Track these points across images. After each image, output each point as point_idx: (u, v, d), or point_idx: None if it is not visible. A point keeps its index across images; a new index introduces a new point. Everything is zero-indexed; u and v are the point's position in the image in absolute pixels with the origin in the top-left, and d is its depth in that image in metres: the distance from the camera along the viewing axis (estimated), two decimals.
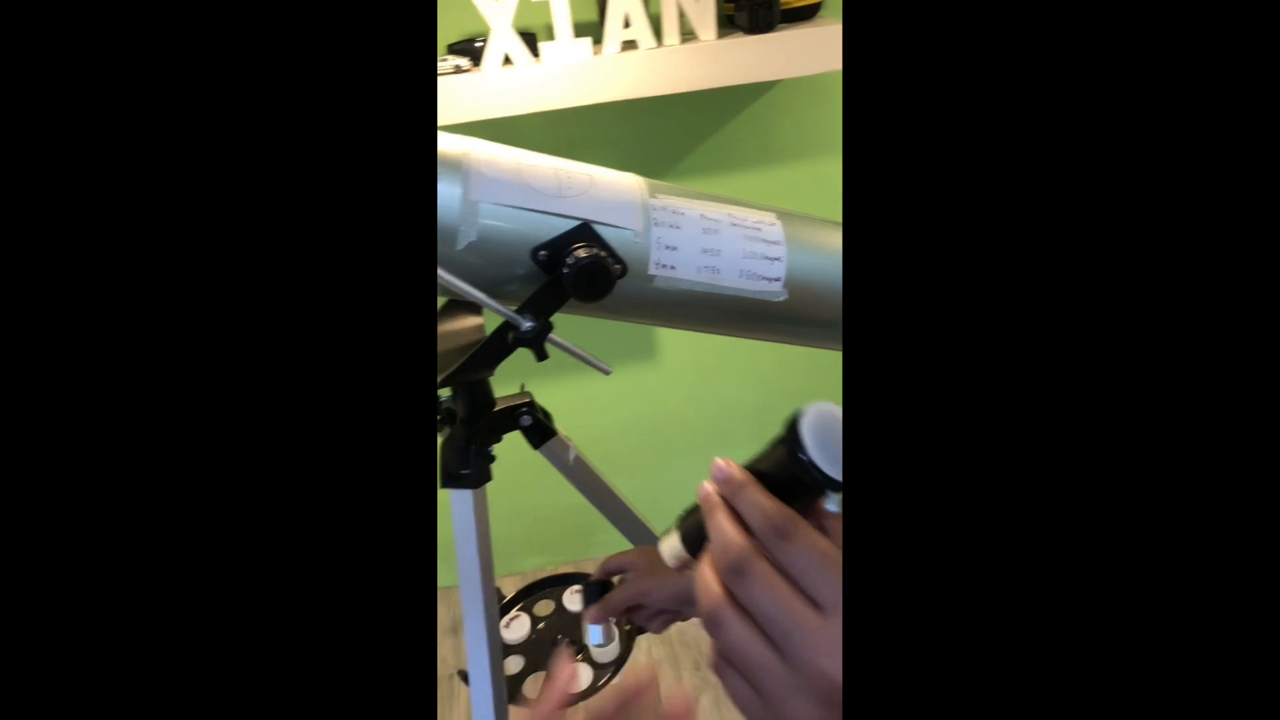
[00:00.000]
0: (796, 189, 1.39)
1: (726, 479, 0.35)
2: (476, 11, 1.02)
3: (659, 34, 1.09)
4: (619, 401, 1.64)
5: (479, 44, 1.08)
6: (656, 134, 1.34)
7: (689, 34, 1.11)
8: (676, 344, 1.63)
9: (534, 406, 0.68)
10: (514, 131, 1.25)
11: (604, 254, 0.49)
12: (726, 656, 0.33)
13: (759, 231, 0.55)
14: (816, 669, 0.31)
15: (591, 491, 0.75)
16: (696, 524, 0.38)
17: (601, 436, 1.61)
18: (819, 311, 0.57)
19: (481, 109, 1.08)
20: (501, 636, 0.73)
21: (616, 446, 1.63)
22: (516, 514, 1.60)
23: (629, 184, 0.53)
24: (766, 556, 0.33)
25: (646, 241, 0.51)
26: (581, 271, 0.48)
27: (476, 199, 0.47)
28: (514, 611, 0.86)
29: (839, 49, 1.10)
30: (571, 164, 0.52)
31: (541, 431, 0.69)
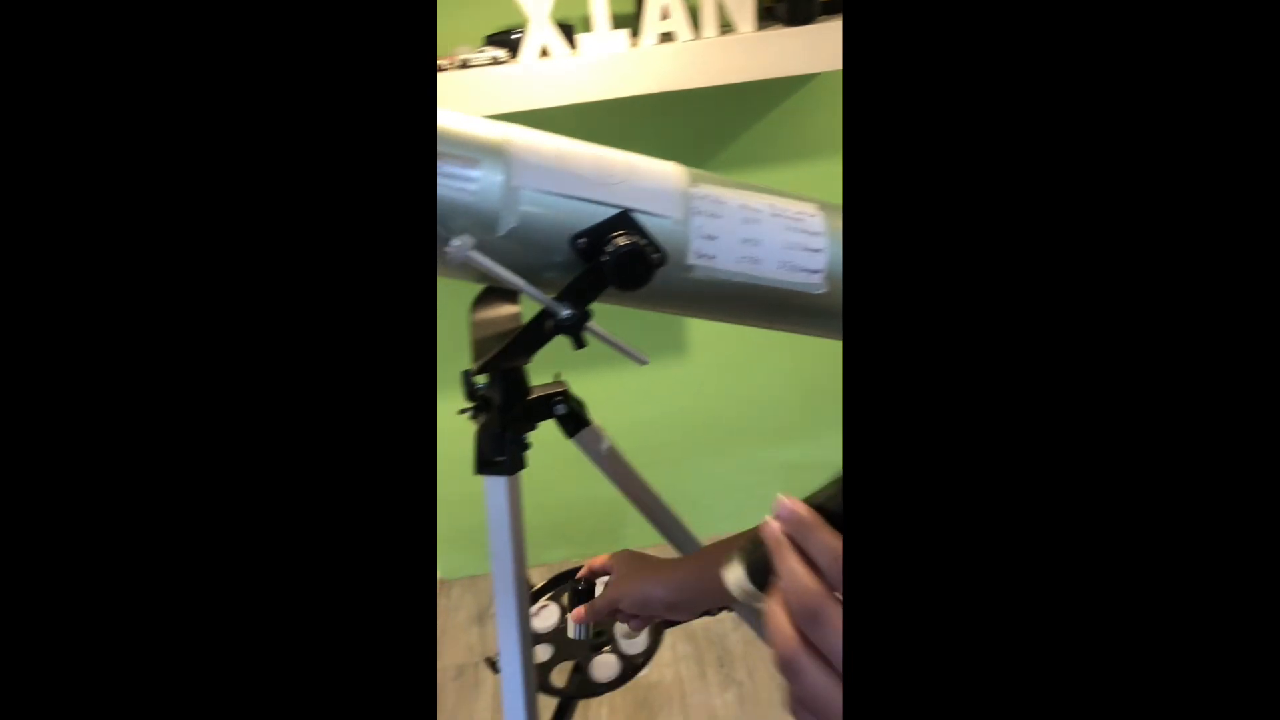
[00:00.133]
0: (834, 184, 1.38)
1: (793, 519, 0.35)
2: (514, 3, 1.02)
3: (697, 25, 1.09)
4: (648, 395, 1.64)
5: (516, 35, 1.08)
6: (693, 127, 1.34)
7: (727, 26, 1.10)
8: (707, 338, 1.62)
9: (569, 396, 0.68)
10: (549, 125, 1.25)
11: (644, 242, 0.49)
12: (804, 702, 0.33)
13: (800, 222, 0.54)
14: None
15: (624, 483, 0.75)
16: (763, 559, 0.38)
17: (631, 429, 1.61)
18: None
19: (517, 100, 1.08)
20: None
21: (647, 440, 1.63)
22: (542, 506, 1.61)
23: (669, 172, 0.52)
24: (838, 599, 0.33)
25: (686, 230, 0.51)
26: (621, 259, 0.48)
27: (519, 185, 0.47)
28: (543, 601, 0.86)
29: None
30: (612, 151, 0.52)
31: (576, 420, 0.69)
